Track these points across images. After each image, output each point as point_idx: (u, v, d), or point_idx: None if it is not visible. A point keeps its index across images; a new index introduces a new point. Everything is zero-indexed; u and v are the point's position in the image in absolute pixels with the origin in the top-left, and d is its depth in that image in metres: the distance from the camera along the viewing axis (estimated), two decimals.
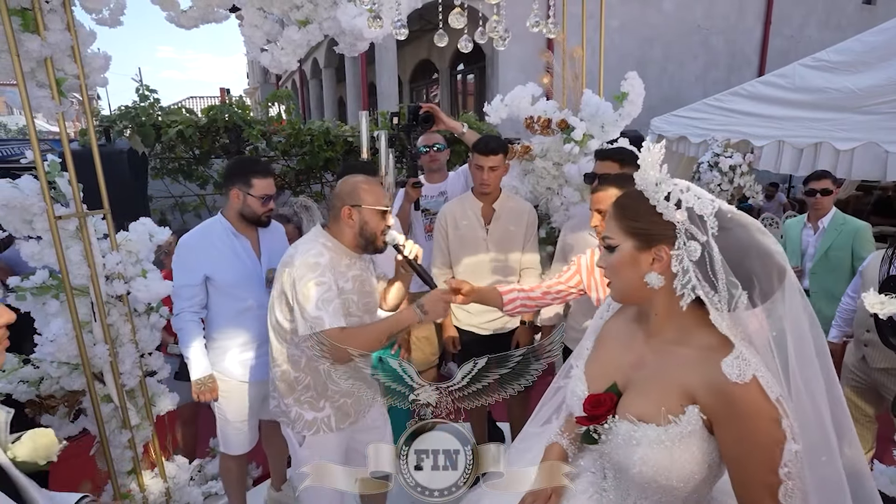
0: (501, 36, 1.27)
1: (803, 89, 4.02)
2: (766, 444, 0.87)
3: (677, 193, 0.94)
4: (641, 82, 2.41)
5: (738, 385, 0.87)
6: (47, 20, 1.71)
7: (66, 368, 1.96)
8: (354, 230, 1.70)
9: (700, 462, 0.93)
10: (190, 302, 2.05)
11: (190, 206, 5.07)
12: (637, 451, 0.95)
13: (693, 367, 0.94)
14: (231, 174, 2.13)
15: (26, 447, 0.96)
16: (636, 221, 0.99)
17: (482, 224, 2.43)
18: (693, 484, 0.95)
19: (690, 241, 0.92)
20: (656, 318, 1.02)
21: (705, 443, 0.92)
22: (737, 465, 0.91)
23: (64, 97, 1.82)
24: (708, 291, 0.91)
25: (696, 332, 0.96)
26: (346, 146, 4.99)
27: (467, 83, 10.98)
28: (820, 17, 10.72)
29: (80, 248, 1.90)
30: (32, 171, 1.79)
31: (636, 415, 0.97)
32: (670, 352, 0.98)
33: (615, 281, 1.04)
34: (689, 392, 0.93)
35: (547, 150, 2.74)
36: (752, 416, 0.87)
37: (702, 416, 0.92)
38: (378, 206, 1.69)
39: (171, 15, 2.14)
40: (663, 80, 9.50)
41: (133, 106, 4.37)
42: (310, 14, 2.26)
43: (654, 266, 0.97)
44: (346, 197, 1.69)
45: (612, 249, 1.02)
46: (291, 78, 16.59)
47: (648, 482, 0.96)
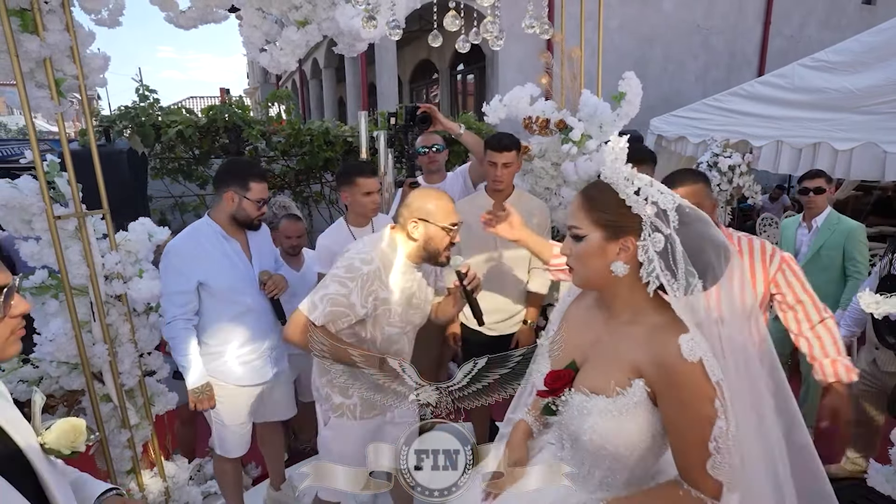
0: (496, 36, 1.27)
1: (802, 89, 4.02)
2: (700, 419, 0.96)
3: (646, 189, 1.01)
4: (639, 82, 2.41)
5: (684, 362, 0.96)
6: (46, 21, 1.72)
7: (66, 368, 1.97)
8: (419, 244, 1.70)
9: (644, 431, 1.02)
10: (183, 309, 1.99)
11: (190, 206, 5.08)
12: (588, 420, 1.05)
13: (642, 344, 1.03)
14: (226, 176, 2.08)
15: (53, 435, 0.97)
16: (606, 213, 1.04)
17: None
18: (639, 452, 1.05)
19: (655, 233, 1.00)
20: (615, 301, 1.10)
21: (650, 413, 1.02)
22: (675, 434, 1.01)
23: (63, 97, 1.83)
24: (669, 279, 1.00)
25: (649, 313, 1.05)
26: (345, 146, 5.00)
27: (467, 83, 10.98)
28: (820, 17, 10.71)
29: (79, 248, 1.90)
30: (32, 171, 1.79)
31: (589, 387, 1.06)
32: (623, 331, 1.07)
33: (580, 268, 1.09)
34: (637, 367, 1.02)
35: (545, 150, 2.74)
36: (691, 391, 0.96)
37: (646, 388, 1.01)
38: (446, 224, 1.68)
39: (170, 15, 2.14)
40: (663, 80, 9.50)
41: (133, 106, 4.38)
42: (308, 14, 2.27)
43: (621, 255, 1.04)
44: (415, 210, 1.69)
45: (580, 239, 1.07)
46: (291, 78, 16.59)
47: (598, 449, 1.06)
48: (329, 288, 1.63)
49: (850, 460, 2.70)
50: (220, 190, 2.08)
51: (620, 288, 1.08)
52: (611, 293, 1.10)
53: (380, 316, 1.71)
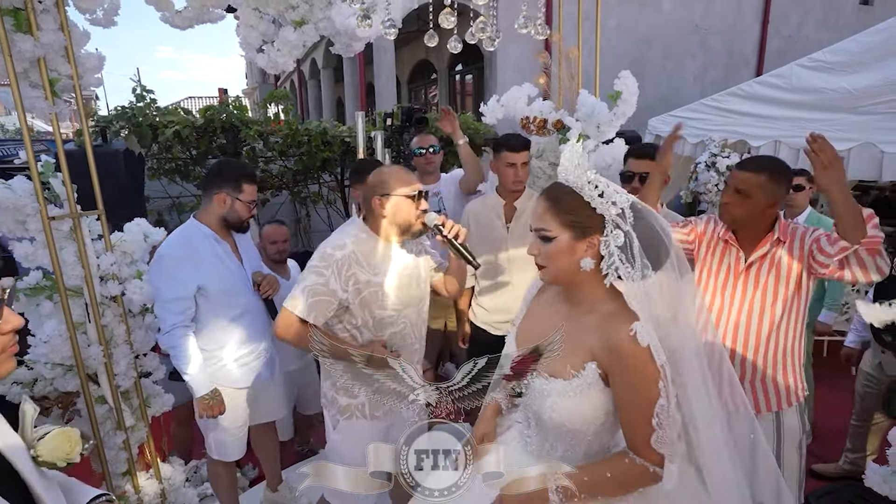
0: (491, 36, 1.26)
1: (800, 90, 4.02)
2: (645, 398, 1.08)
3: (607, 190, 1.11)
4: (635, 80, 2.40)
5: (634, 347, 1.07)
6: (40, 20, 1.71)
7: (60, 370, 1.96)
8: (388, 219, 1.72)
9: (597, 409, 1.15)
10: (182, 316, 1.95)
11: (187, 207, 5.06)
12: (548, 401, 1.16)
13: (595, 331, 1.14)
14: (218, 178, 2.05)
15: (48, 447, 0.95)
16: (573, 215, 1.14)
17: (504, 223, 2.44)
18: (594, 428, 1.17)
19: (616, 230, 1.11)
20: (576, 292, 1.21)
21: (602, 393, 1.14)
22: (624, 411, 1.14)
23: (57, 97, 1.82)
24: (628, 269, 1.11)
25: (604, 302, 1.17)
26: (343, 146, 4.98)
27: (466, 83, 10.98)
28: (818, 17, 10.73)
29: (74, 249, 1.89)
30: (27, 172, 1.78)
31: (548, 372, 1.17)
32: (581, 320, 1.18)
33: (550, 266, 1.18)
34: (591, 351, 1.13)
35: (543, 150, 2.73)
36: (639, 373, 1.08)
37: (599, 370, 1.13)
38: (407, 192, 1.70)
39: (166, 15, 2.14)
40: (661, 79, 9.50)
41: (129, 106, 4.36)
42: (305, 14, 2.26)
43: (588, 252, 1.14)
44: (375, 187, 1.72)
45: (549, 240, 1.16)
46: (290, 78, 16.58)
47: (558, 426, 1.18)
48: (307, 280, 1.66)
49: (848, 460, 2.71)
50: (210, 191, 2.05)
51: (583, 281, 1.18)
52: (574, 286, 1.21)
53: (367, 299, 1.71)
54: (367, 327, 1.76)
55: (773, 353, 1.80)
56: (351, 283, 1.68)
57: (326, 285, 1.65)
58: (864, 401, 2.57)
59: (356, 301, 1.70)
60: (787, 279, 1.76)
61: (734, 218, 1.80)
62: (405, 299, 1.80)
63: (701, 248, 1.94)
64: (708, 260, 1.91)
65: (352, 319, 1.74)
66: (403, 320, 1.81)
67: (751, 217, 1.77)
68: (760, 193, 1.71)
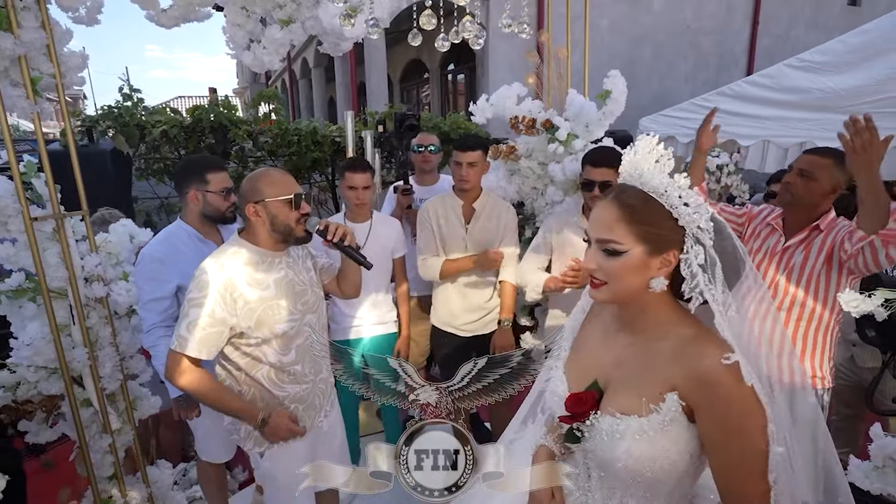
0: (476, 35, 1.26)
1: (788, 89, 4.05)
2: (752, 447, 0.88)
3: (692, 200, 0.94)
4: (623, 80, 2.41)
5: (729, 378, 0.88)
6: (21, 18, 1.68)
7: (44, 373, 1.92)
8: (266, 227, 1.60)
9: (682, 451, 0.94)
10: (162, 316, 1.95)
11: (176, 207, 5.02)
12: (621, 445, 0.95)
13: (673, 359, 0.95)
14: (183, 176, 2.04)
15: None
16: (651, 226, 0.95)
17: (462, 223, 2.43)
18: (676, 475, 0.96)
19: (697, 245, 0.94)
20: (641, 317, 1.01)
21: (686, 430, 0.93)
22: (720, 456, 0.92)
23: (39, 97, 1.79)
24: (712, 292, 0.93)
25: (677, 326, 0.98)
26: (333, 146, 4.96)
27: (457, 83, 10.97)
28: (807, 17, 10.83)
29: (57, 250, 1.86)
30: (8, 172, 1.75)
31: (619, 409, 0.98)
32: (652, 346, 0.99)
33: (615, 284, 0.98)
34: (670, 381, 0.94)
35: (532, 150, 2.74)
36: (741, 414, 0.88)
37: (681, 402, 0.92)
38: (283, 196, 1.58)
39: (151, 14, 2.11)
40: (653, 79, 9.56)
41: (116, 106, 4.31)
42: (292, 13, 2.24)
43: (662, 270, 0.96)
44: (248, 194, 1.59)
45: (618, 254, 0.96)
46: (281, 78, 16.49)
47: (633, 476, 0.96)
48: (190, 315, 1.52)
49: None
50: (182, 192, 2.05)
51: (650, 303, 1.00)
52: (637, 308, 1.02)
53: (263, 317, 1.59)
54: (270, 345, 1.63)
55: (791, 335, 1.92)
56: (240, 304, 1.55)
57: (212, 315, 1.51)
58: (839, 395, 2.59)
59: (252, 322, 1.57)
60: (815, 265, 1.87)
61: (793, 197, 1.93)
62: (303, 307, 1.70)
63: (747, 229, 2.11)
64: (750, 241, 2.07)
65: (250, 341, 1.61)
66: (306, 328, 1.70)
67: (807, 199, 1.90)
68: (824, 176, 1.84)
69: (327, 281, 1.92)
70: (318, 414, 1.80)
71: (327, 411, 1.85)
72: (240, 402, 1.63)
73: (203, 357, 1.55)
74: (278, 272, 1.66)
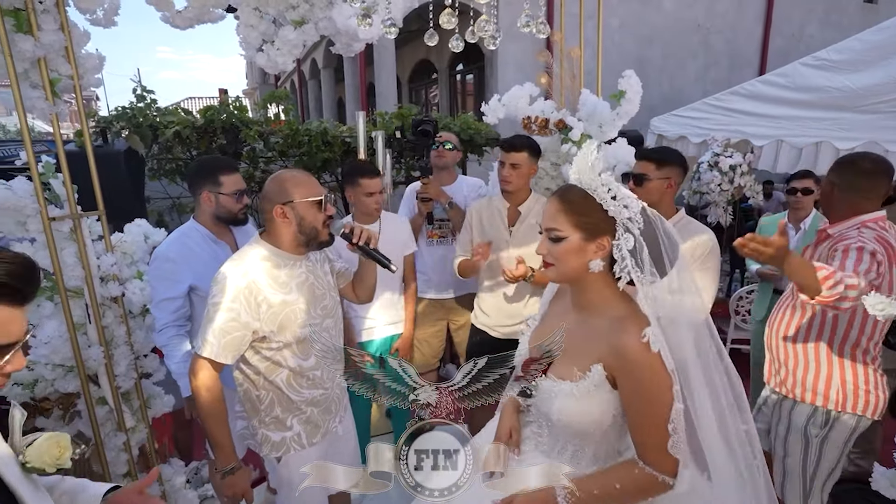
0: (492, 35, 1.25)
1: (803, 88, 4.01)
2: (659, 403, 1.09)
3: (620, 194, 1.13)
4: (639, 80, 2.39)
5: (644, 353, 1.08)
6: (41, 20, 1.70)
7: (61, 370, 1.95)
8: (292, 229, 1.59)
9: (605, 411, 1.16)
10: (175, 315, 1.97)
11: (188, 208, 5.05)
12: (556, 403, 1.18)
13: (603, 335, 1.15)
14: (196, 178, 2.06)
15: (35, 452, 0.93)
16: (586, 216, 1.15)
17: (506, 225, 2.41)
18: (601, 430, 1.18)
19: (626, 233, 1.12)
20: (585, 295, 1.23)
21: (609, 395, 1.15)
22: (634, 417, 1.14)
23: (58, 98, 1.81)
24: (638, 274, 1.12)
25: (613, 306, 1.19)
26: (343, 147, 4.97)
27: (466, 83, 10.96)
28: (820, 15, 10.69)
29: (74, 250, 1.88)
30: (27, 173, 1.78)
31: (556, 374, 1.20)
32: (589, 323, 1.21)
33: (560, 266, 1.20)
34: (598, 355, 1.14)
35: (545, 150, 2.72)
36: (650, 379, 1.08)
37: (605, 372, 1.14)
38: (311, 198, 1.58)
39: (166, 15, 2.13)
40: (663, 79, 9.48)
41: (130, 107, 4.36)
42: (305, 14, 2.25)
43: (597, 254, 1.17)
44: (274, 196, 1.58)
45: (559, 240, 1.17)
46: (290, 78, 16.57)
47: (566, 427, 1.20)
48: (215, 320, 1.51)
49: (851, 462, 2.68)
50: (195, 193, 2.06)
51: (592, 283, 1.20)
52: (581, 287, 1.23)
53: (285, 321, 1.59)
54: (291, 349, 1.63)
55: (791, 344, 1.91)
56: (263, 308, 1.54)
57: (238, 319, 1.51)
58: None
59: (275, 326, 1.57)
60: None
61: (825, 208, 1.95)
62: (322, 311, 1.69)
63: None
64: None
65: (271, 345, 1.61)
66: (325, 334, 1.71)
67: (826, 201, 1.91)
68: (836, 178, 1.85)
69: (343, 285, 1.92)
70: (334, 419, 1.80)
71: (342, 416, 1.85)
72: (228, 439, 1.60)
73: (226, 361, 1.55)
74: (300, 275, 1.65)
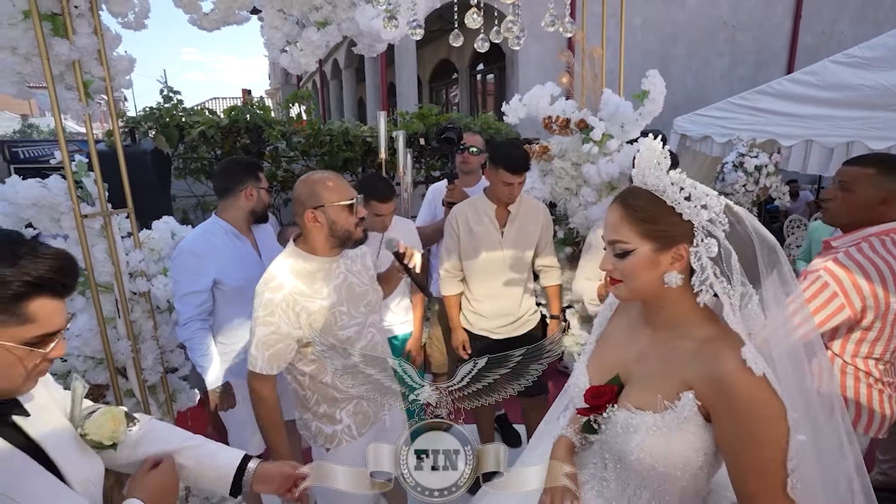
0: (517, 35, 1.24)
1: (834, 87, 3.89)
2: (771, 437, 0.88)
3: (695, 192, 0.95)
4: (662, 80, 2.35)
5: (746, 377, 0.88)
6: (76, 24, 1.76)
7: (91, 363, 2.01)
8: (324, 233, 1.59)
9: (697, 449, 0.94)
10: (199, 309, 2.00)
11: (212, 206, 5.15)
12: (635, 438, 0.97)
13: (691, 359, 0.96)
14: (240, 175, 2.11)
15: (93, 426, 0.95)
16: (655, 224, 0.97)
17: (497, 227, 2.40)
18: (690, 471, 0.96)
19: (708, 238, 0.94)
20: (661, 313, 1.03)
21: (701, 429, 0.94)
22: (737, 455, 0.92)
23: (91, 99, 1.87)
24: (725, 286, 0.93)
25: (698, 325, 0.99)
26: (364, 146, 5.02)
27: (487, 83, 10.94)
28: (853, 11, 10.35)
29: (104, 246, 1.94)
30: (61, 172, 1.84)
31: (634, 404, 1.00)
32: (671, 345, 1.01)
33: (630, 282, 1.01)
34: (687, 381, 0.95)
35: (565, 150, 2.70)
36: (757, 408, 0.88)
37: (697, 402, 0.93)
38: (342, 202, 1.58)
39: (194, 17, 2.18)
40: (687, 78, 9.31)
41: (157, 107, 4.47)
42: (328, 15, 2.28)
43: (674, 265, 0.97)
44: (306, 200, 1.58)
45: (626, 254, 0.99)
46: (312, 79, 16.78)
47: (647, 469, 0.98)
48: (257, 334, 1.55)
49: (880, 470, 2.60)
50: (235, 190, 2.10)
51: (668, 299, 1.01)
52: (656, 304, 1.03)
53: (327, 325, 1.60)
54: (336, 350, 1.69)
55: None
56: (303, 318, 1.56)
57: (278, 332, 1.54)
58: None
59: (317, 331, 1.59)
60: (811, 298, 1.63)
61: (830, 214, 1.76)
62: (366, 308, 1.69)
63: None
64: None
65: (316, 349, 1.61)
66: (370, 330, 1.71)
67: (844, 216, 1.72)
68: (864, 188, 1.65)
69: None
70: (381, 409, 1.82)
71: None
72: (284, 447, 1.65)
73: (272, 372, 1.59)
74: (337, 278, 1.65)
